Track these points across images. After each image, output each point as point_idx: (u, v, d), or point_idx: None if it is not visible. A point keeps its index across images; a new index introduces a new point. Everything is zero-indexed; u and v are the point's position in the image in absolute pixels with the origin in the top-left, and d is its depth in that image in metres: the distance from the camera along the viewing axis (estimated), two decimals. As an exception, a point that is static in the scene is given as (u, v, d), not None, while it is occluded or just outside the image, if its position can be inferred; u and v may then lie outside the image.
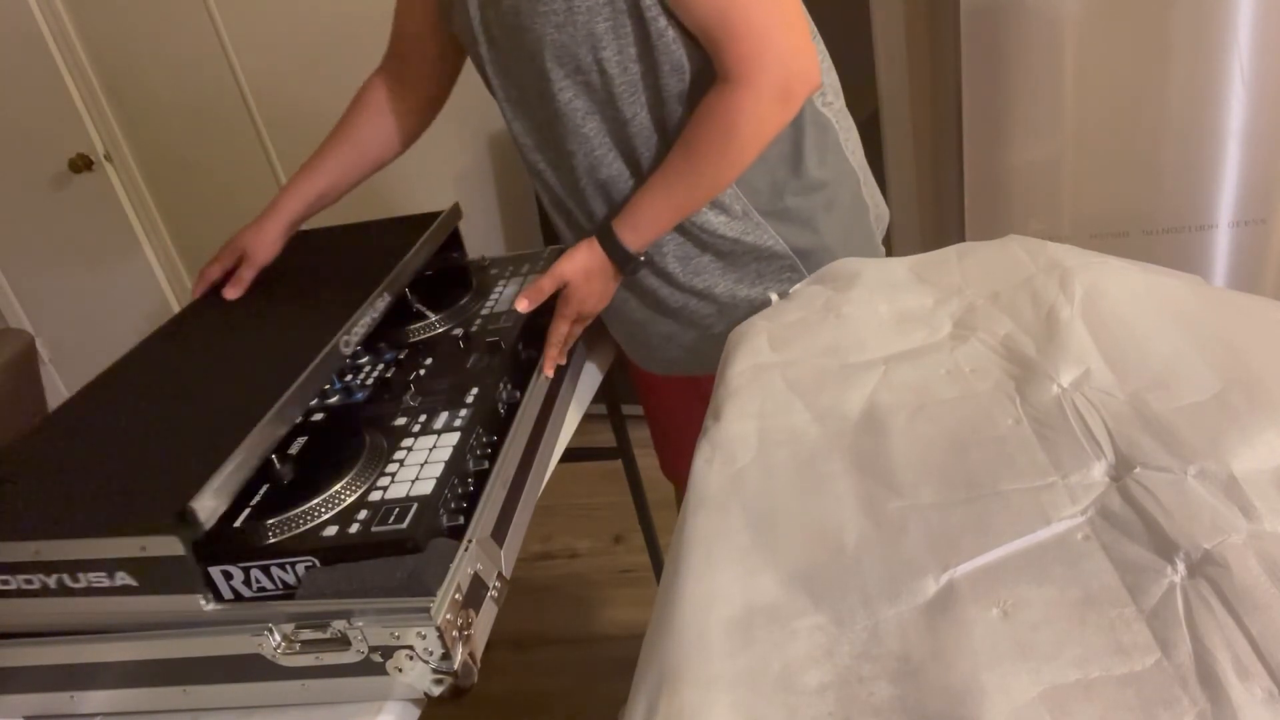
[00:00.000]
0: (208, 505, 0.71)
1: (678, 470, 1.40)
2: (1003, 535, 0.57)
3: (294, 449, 0.87)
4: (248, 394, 0.85)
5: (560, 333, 1.05)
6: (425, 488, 0.79)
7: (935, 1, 1.83)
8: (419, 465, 0.82)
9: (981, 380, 0.74)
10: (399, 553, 0.73)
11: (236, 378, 0.91)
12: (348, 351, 0.96)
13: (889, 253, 1.14)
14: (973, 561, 0.56)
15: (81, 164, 2.75)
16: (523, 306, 1.02)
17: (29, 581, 0.73)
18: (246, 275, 1.13)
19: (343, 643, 0.70)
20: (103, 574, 0.71)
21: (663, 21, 0.91)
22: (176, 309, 2.99)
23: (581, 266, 1.01)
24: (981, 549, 0.57)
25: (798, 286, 1.01)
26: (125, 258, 2.91)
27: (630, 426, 1.61)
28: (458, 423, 0.89)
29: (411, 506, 0.76)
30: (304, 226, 1.24)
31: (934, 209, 2.06)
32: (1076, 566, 0.54)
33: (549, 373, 1.05)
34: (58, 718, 0.78)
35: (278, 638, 0.71)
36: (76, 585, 0.72)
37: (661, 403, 1.34)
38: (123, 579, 0.71)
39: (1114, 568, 0.53)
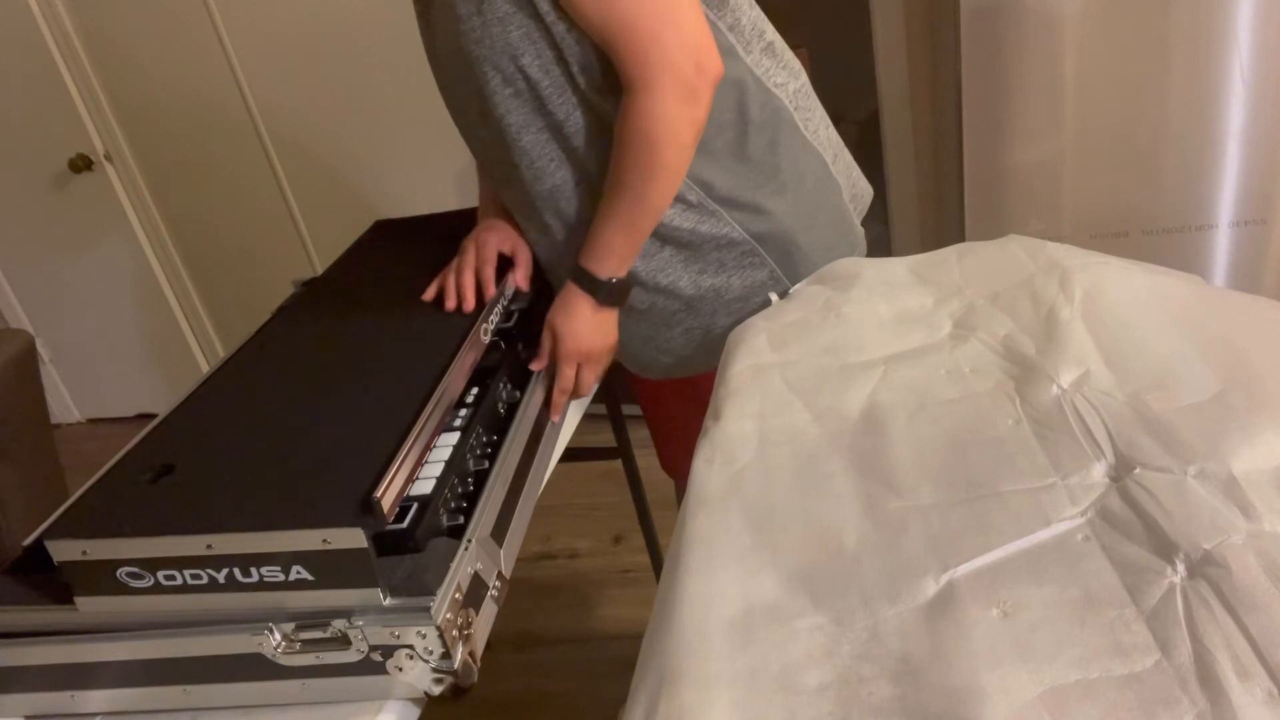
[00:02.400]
0: (390, 497, 0.70)
1: (677, 466, 1.40)
2: (1002, 536, 0.57)
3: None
4: (398, 383, 0.85)
5: (565, 377, 1.05)
6: (425, 487, 0.79)
7: (935, 1, 1.84)
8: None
9: (981, 380, 0.74)
10: (399, 552, 0.73)
11: (380, 366, 0.90)
12: (486, 339, 0.96)
13: (889, 253, 1.14)
14: (972, 562, 0.56)
15: (81, 164, 2.75)
16: (536, 366, 1.04)
17: (196, 576, 0.70)
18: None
19: (343, 642, 0.70)
20: (277, 568, 0.69)
21: (561, 26, 0.92)
22: (176, 308, 3.01)
23: (560, 305, 1.03)
24: (981, 549, 0.57)
25: (798, 286, 1.01)
26: (125, 258, 2.91)
27: (630, 426, 1.61)
28: (458, 422, 0.89)
29: (411, 506, 0.76)
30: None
31: (934, 209, 2.06)
32: (1076, 567, 0.54)
33: (555, 418, 1.05)
34: (58, 717, 0.77)
35: (278, 637, 0.71)
36: (247, 580, 0.70)
37: (656, 401, 1.34)
38: (298, 573, 0.69)
39: (1114, 568, 0.53)
